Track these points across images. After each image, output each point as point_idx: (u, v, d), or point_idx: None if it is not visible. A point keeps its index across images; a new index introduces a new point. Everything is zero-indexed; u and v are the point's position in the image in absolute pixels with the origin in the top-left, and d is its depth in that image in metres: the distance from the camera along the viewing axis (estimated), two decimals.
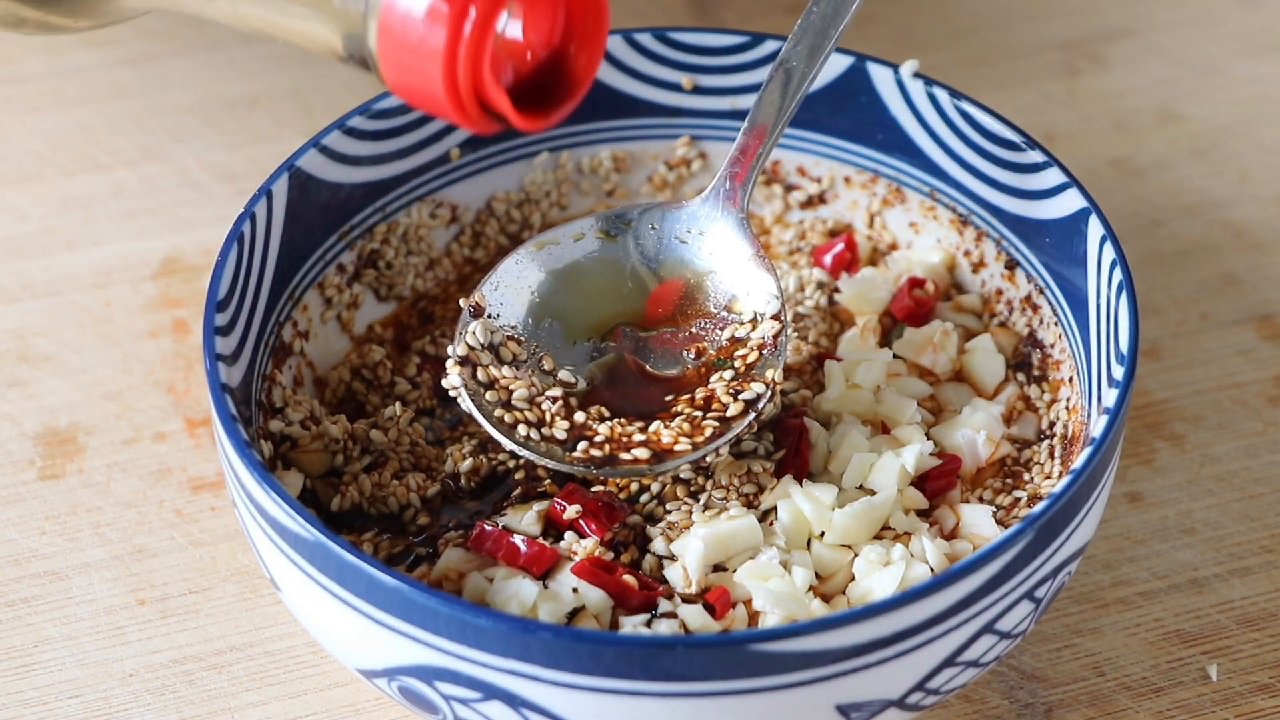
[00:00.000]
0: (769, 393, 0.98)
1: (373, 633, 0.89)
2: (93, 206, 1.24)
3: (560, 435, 0.98)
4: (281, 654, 1.03)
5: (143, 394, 1.14)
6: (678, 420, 0.98)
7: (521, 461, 1.01)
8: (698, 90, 1.12)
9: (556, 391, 0.99)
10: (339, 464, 1.02)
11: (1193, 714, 1.01)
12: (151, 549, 1.07)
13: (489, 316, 1.01)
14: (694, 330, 1.02)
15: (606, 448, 0.97)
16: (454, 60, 0.89)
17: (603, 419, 0.98)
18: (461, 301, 1.01)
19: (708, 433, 0.97)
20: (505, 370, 0.99)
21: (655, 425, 0.98)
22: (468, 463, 1.01)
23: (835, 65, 1.09)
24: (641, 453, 0.96)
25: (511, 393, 0.99)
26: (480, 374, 0.99)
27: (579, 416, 0.98)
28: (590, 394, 1.00)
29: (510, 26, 0.92)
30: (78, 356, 1.16)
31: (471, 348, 1.00)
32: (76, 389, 1.15)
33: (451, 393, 0.99)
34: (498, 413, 0.98)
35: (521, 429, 0.97)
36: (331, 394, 1.06)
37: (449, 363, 0.99)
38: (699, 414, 0.98)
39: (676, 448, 0.97)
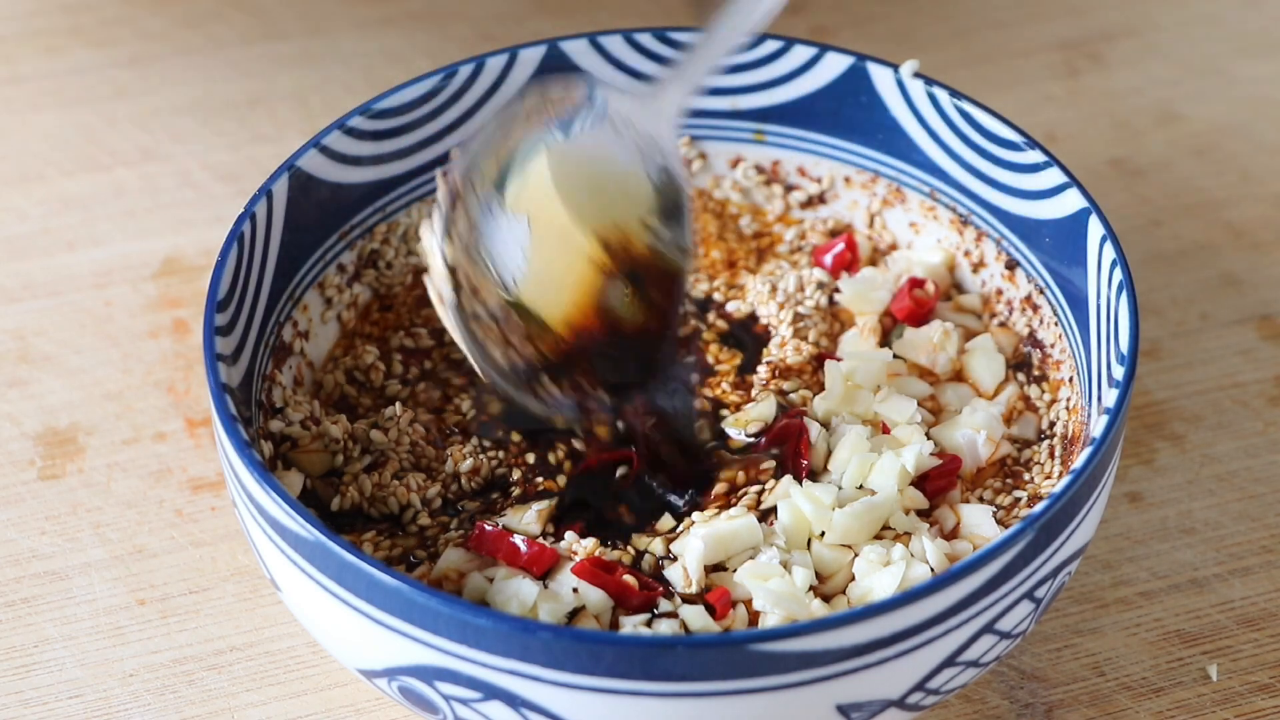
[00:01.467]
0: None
1: (373, 633, 0.89)
2: (93, 206, 1.25)
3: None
4: (281, 654, 1.03)
5: (143, 394, 1.14)
6: None
7: (523, 463, 1.01)
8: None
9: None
10: (339, 464, 1.02)
11: (1193, 714, 1.01)
12: (151, 549, 1.08)
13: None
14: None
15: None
16: None
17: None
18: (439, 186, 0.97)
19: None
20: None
21: None
22: (468, 463, 1.01)
23: (835, 65, 1.09)
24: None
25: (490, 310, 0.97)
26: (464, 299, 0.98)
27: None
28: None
29: None
30: (78, 356, 1.16)
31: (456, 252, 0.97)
32: (76, 389, 1.15)
33: (437, 305, 0.97)
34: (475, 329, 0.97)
35: (496, 352, 0.97)
36: (327, 396, 1.06)
37: (433, 257, 0.96)
38: None
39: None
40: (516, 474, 1.01)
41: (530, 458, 1.01)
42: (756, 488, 0.99)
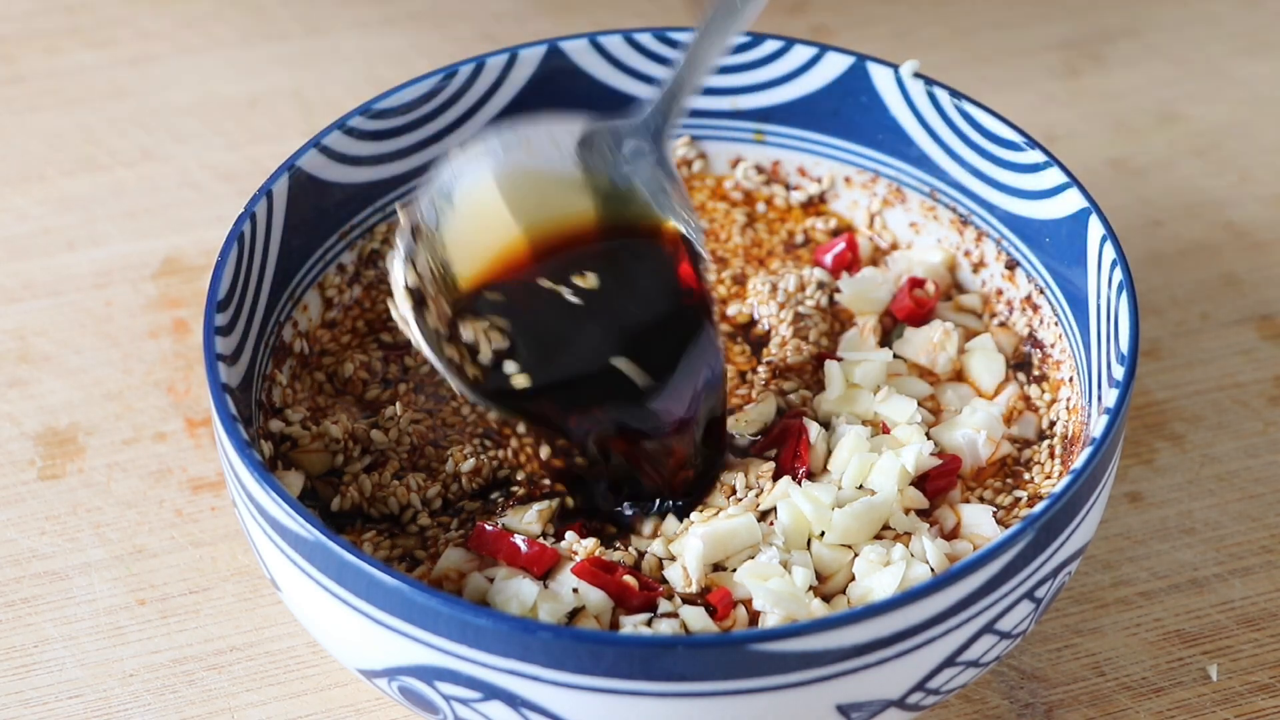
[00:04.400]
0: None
1: (373, 633, 0.89)
2: (93, 206, 1.25)
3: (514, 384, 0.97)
4: (281, 654, 1.03)
5: (143, 394, 1.15)
6: None
7: (524, 464, 1.01)
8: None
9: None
10: (339, 464, 1.02)
11: (1193, 714, 1.01)
12: (151, 549, 1.08)
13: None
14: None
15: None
16: None
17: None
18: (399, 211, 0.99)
19: None
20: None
21: None
22: (469, 463, 1.01)
23: (835, 65, 1.09)
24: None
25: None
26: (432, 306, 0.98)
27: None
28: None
29: None
30: (78, 356, 1.16)
31: (420, 275, 0.98)
32: (76, 389, 1.15)
33: (400, 325, 0.97)
34: (447, 350, 0.97)
35: (469, 369, 0.97)
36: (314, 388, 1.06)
37: (397, 291, 0.97)
38: None
39: None
40: (521, 475, 1.01)
41: (544, 453, 1.01)
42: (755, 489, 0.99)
